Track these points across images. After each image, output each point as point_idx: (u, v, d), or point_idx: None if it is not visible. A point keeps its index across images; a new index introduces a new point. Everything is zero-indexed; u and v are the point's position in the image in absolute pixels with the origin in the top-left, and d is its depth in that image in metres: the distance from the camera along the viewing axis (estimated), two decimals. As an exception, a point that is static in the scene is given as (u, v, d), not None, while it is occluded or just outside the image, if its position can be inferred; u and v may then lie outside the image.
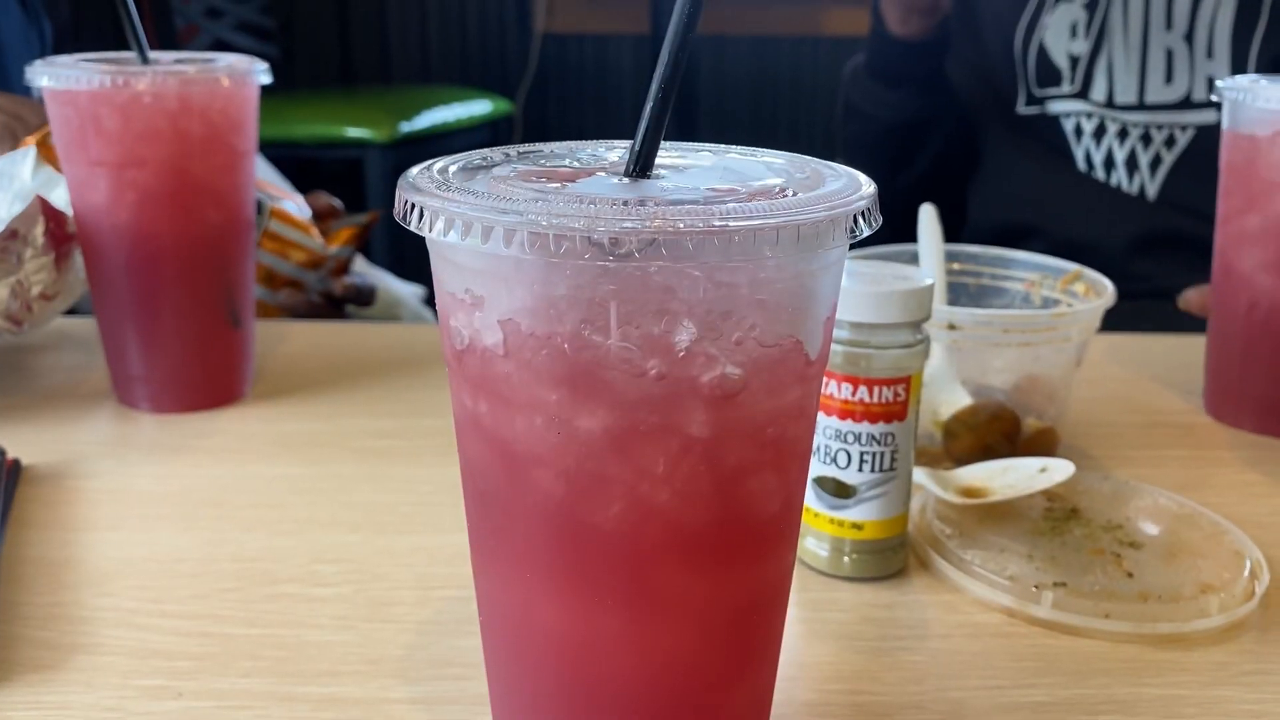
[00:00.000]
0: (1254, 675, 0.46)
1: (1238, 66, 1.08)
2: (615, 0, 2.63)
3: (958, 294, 0.72)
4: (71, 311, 0.92)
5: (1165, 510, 0.58)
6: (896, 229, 1.34)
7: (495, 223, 0.28)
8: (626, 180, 0.32)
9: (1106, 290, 0.65)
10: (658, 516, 0.31)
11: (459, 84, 2.62)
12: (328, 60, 2.69)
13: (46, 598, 0.51)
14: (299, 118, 2.14)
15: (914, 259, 0.72)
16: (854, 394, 0.50)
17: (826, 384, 0.51)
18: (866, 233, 0.31)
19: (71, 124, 0.66)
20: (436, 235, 0.29)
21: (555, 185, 0.31)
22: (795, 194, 0.31)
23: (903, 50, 1.10)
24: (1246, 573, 0.52)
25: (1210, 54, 1.10)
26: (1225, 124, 0.70)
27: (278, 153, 1.51)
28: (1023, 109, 1.19)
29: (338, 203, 1.10)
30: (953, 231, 1.29)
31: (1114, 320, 1.09)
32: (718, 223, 0.27)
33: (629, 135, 0.33)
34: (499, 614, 0.35)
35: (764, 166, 0.34)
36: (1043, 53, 1.18)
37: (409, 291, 1.22)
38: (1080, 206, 1.15)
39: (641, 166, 0.32)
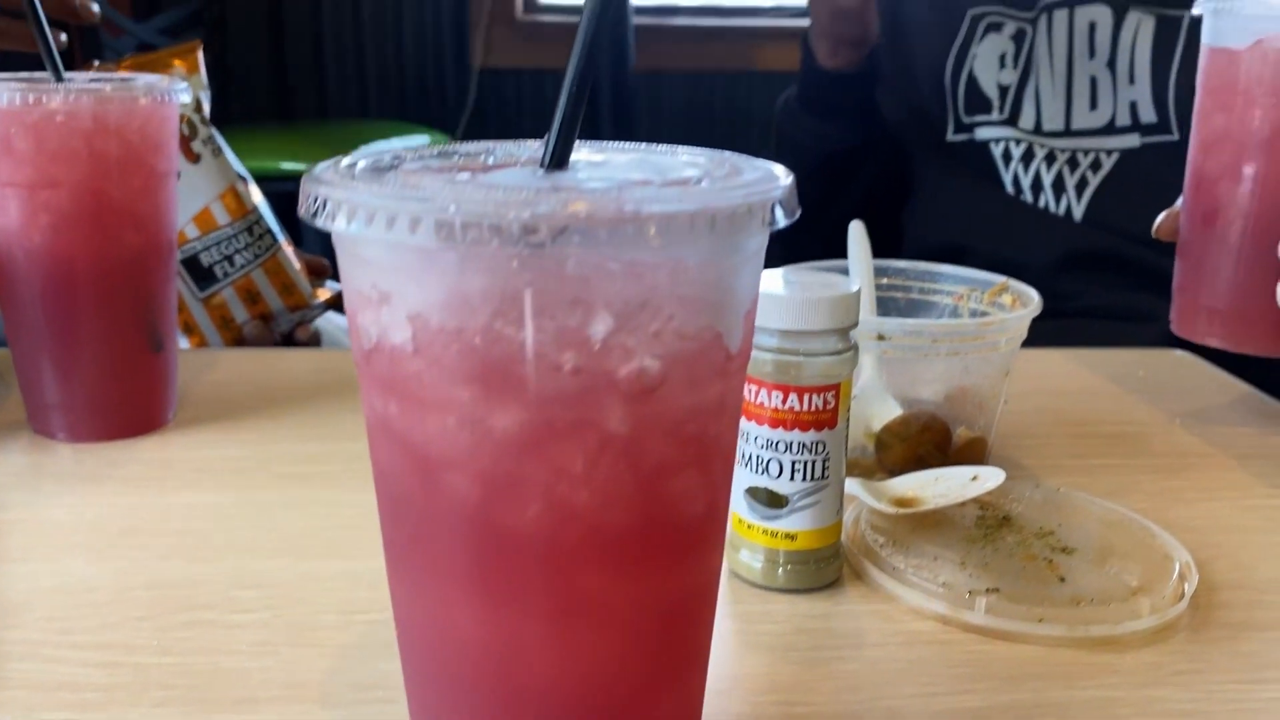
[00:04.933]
0: (1186, 675, 0.46)
1: (1158, 91, 1.11)
2: (550, 36, 2.64)
3: (887, 309, 0.73)
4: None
5: (1095, 516, 0.58)
6: (836, 254, 1.35)
7: (400, 210, 0.27)
8: (542, 172, 0.32)
9: (1032, 300, 0.65)
10: (577, 518, 0.30)
11: (397, 119, 2.61)
12: (263, 96, 2.67)
13: (-53, 632, 0.48)
14: (233, 152, 2.11)
15: (845, 274, 0.72)
16: (784, 402, 0.50)
17: (756, 393, 0.51)
18: (784, 223, 0.31)
19: (-19, 144, 0.64)
20: (340, 228, 0.28)
21: (467, 175, 0.30)
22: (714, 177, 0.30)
23: (833, 82, 1.11)
24: (1176, 574, 0.52)
25: (1132, 80, 1.13)
26: (1205, 40, 0.70)
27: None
28: (952, 136, 1.21)
29: (327, 263, 1.13)
30: (890, 253, 1.31)
31: (1042, 338, 1.11)
32: (630, 209, 0.27)
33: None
34: (417, 625, 0.34)
35: (683, 162, 0.34)
36: (972, 82, 1.20)
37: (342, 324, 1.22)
38: (1010, 227, 1.16)
39: (557, 159, 0.32)
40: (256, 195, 1.01)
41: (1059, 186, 1.15)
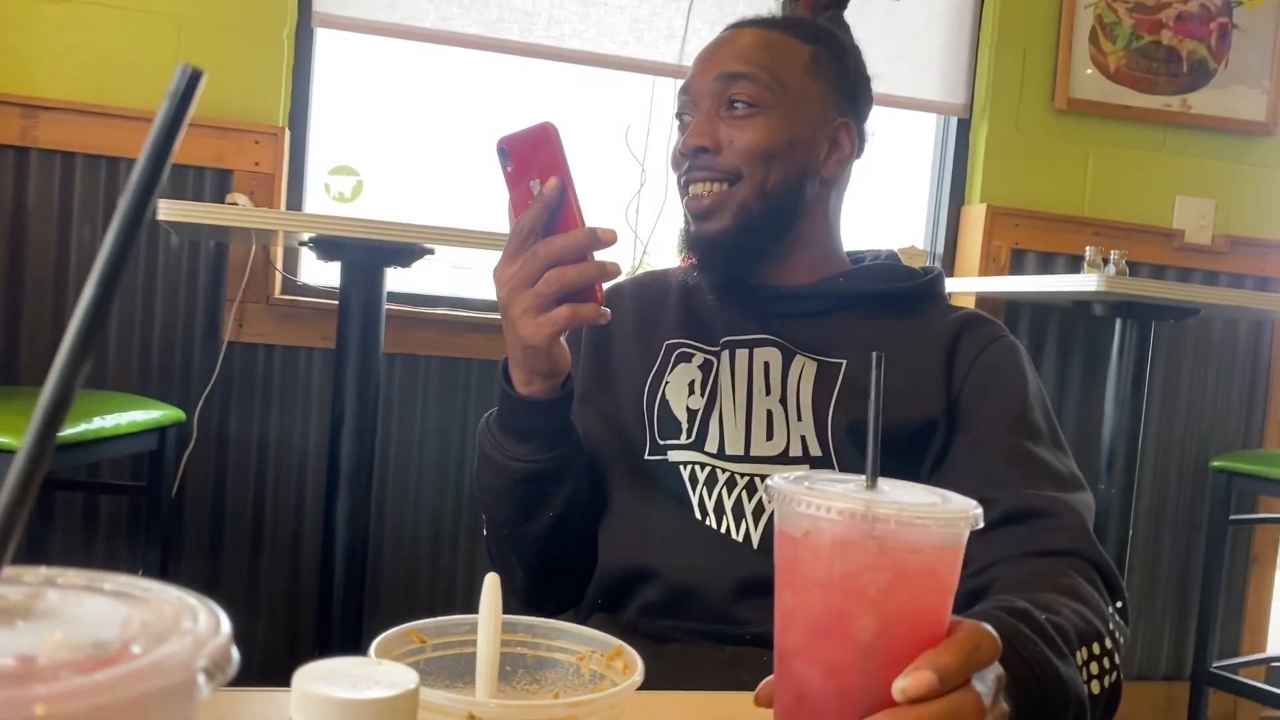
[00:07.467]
0: None
1: (819, 428, 1.20)
2: (305, 316, 2.67)
3: (515, 665, 0.73)
4: None
5: None
6: (543, 571, 1.34)
7: None
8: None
9: (636, 669, 0.67)
10: None
11: (134, 392, 2.53)
12: (-12, 360, 2.55)
13: None
14: (-66, 422, 1.98)
15: (469, 632, 0.72)
16: (328, 809, 0.48)
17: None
18: (219, 683, 0.31)
19: None
20: None
21: None
22: (130, 650, 0.30)
23: (529, 408, 1.15)
24: None
25: (799, 417, 1.22)
26: (776, 521, 0.70)
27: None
28: (648, 456, 1.27)
29: None
30: (588, 572, 1.32)
31: (720, 666, 1.12)
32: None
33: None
34: None
35: (118, 614, 0.34)
36: (665, 405, 1.27)
37: None
38: (693, 551, 1.21)
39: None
40: None
41: (738, 512, 1.21)
